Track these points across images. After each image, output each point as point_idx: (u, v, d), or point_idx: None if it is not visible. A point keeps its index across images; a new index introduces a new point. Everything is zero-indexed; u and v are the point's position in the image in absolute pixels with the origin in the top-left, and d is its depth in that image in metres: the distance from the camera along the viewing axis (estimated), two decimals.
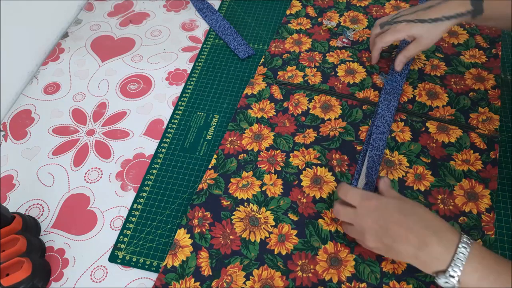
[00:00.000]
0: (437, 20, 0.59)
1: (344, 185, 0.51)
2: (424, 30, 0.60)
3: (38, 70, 0.78)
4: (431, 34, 0.60)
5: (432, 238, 0.43)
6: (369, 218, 0.47)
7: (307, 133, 0.65)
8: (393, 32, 0.63)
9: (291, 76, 0.73)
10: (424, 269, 0.45)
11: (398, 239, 0.45)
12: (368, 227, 0.47)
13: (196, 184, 0.62)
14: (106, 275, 0.55)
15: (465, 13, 0.56)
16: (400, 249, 0.45)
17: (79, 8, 0.88)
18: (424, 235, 0.43)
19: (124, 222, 0.59)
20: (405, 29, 0.61)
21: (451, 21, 0.58)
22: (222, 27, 0.82)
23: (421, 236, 0.43)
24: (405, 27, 0.61)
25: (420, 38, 0.61)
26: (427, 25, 0.59)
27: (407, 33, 0.61)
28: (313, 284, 0.52)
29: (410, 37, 0.62)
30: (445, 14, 0.57)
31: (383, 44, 0.65)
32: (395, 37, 0.63)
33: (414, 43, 0.62)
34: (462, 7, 0.56)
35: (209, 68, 0.76)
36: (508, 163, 0.61)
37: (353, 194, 0.50)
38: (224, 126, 0.68)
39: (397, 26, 0.62)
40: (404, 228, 0.44)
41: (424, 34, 0.60)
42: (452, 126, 0.64)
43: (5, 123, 0.70)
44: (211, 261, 0.54)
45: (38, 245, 0.55)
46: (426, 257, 0.43)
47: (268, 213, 0.58)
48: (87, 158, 0.66)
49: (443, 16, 0.58)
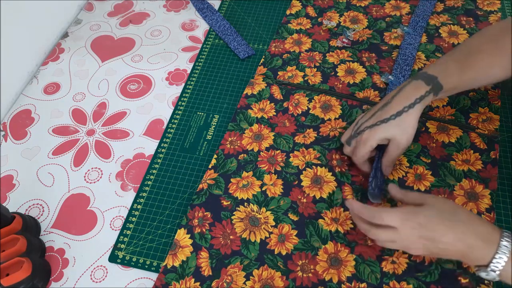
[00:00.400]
0: (400, 113, 0.53)
1: (375, 211, 0.48)
2: (393, 128, 0.53)
3: (38, 70, 0.78)
4: (403, 129, 0.53)
5: (478, 243, 0.44)
6: (414, 236, 0.46)
7: (307, 133, 0.65)
8: (362, 145, 0.55)
9: (291, 76, 0.73)
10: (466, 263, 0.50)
11: (446, 249, 0.46)
12: (414, 242, 0.47)
13: (196, 184, 0.62)
14: (106, 275, 0.55)
15: (425, 94, 0.53)
16: (448, 254, 0.46)
17: (79, 8, 0.88)
18: (471, 242, 0.44)
19: (124, 222, 0.59)
20: (372, 136, 0.54)
21: (416, 108, 0.53)
22: (222, 27, 0.82)
23: (468, 242, 0.45)
24: (370, 134, 0.54)
25: (394, 138, 0.54)
26: (392, 123, 0.53)
27: (376, 139, 0.54)
28: (313, 284, 0.52)
29: (383, 141, 0.55)
30: (406, 104, 0.53)
31: (361, 158, 0.56)
32: (367, 148, 0.55)
33: (392, 145, 0.55)
34: (418, 91, 0.53)
35: (209, 68, 0.76)
36: (508, 163, 0.61)
37: (391, 217, 0.47)
38: (224, 126, 0.68)
39: (362, 135, 0.55)
40: (451, 238, 0.45)
41: (395, 132, 0.53)
42: (452, 126, 0.64)
43: (5, 123, 0.70)
44: (211, 261, 0.54)
45: (38, 245, 0.55)
46: (472, 258, 0.45)
47: (268, 213, 0.58)
48: (87, 158, 0.66)
49: (405, 107, 0.53)
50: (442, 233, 0.45)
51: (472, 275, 0.51)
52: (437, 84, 0.54)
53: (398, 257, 0.53)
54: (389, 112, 0.54)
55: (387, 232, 0.47)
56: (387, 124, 0.53)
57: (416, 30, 0.77)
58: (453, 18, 0.79)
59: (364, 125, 0.56)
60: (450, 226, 0.45)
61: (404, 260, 0.53)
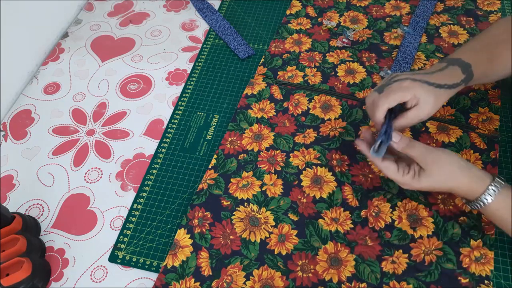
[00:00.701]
0: (441, 87, 0.53)
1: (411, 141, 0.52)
2: (431, 93, 0.52)
3: (38, 70, 0.78)
4: (435, 100, 0.52)
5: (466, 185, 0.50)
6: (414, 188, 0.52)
7: (307, 133, 0.65)
8: (399, 89, 0.51)
9: (291, 76, 0.73)
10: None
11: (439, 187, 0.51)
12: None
13: (196, 184, 0.62)
14: (106, 275, 0.55)
15: (460, 82, 0.54)
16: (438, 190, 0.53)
17: (79, 8, 0.88)
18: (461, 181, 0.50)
19: (124, 222, 0.59)
20: (414, 86, 0.51)
21: (450, 91, 0.54)
22: (222, 27, 0.82)
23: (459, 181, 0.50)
24: (413, 84, 0.51)
25: (423, 104, 0.52)
26: (432, 89, 0.52)
27: (413, 93, 0.51)
28: (313, 284, 0.52)
29: (413, 101, 0.52)
30: (448, 83, 0.53)
31: (389, 104, 0.52)
32: (402, 95, 0.51)
33: (414, 111, 0.52)
34: (456, 77, 0.54)
35: (209, 68, 0.76)
36: (508, 163, 0.61)
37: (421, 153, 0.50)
38: (224, 126, 0.68)
39: (403, 83, 0.52)
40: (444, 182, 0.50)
41: (429, 98, 0.52)
42: (452, 126, 0.64)
43: (5, 123, 0.70)
44: (211, 261, 0.54)
45: (38, 245, 0.55)
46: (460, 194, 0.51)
47: (268, 213, 0.58)
48: (87, 158, 0.66)
49: (446, 84, 0.53)
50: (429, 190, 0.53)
51: (472, 275, 0.51)
52: (470, 73, 0.55)
53: (398, 257, 0.53)
54: (431, 79, 0.53)
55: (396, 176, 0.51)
56: (429, 88, 0.52)
57: (416, 30, 0.77)
58: (453, 18, 0.79)
59: (406, 76, 0.53)
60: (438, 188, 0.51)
61: (404, 260, 0.53)
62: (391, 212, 0.57)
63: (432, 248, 0.53)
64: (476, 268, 0.52)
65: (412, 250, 0.54)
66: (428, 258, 0.53)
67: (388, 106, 0.52)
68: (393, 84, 0.52)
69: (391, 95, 0.51)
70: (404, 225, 0.56)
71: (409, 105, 0.52)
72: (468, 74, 0.54)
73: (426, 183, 0.50)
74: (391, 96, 0.51)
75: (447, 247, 0.53)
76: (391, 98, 0.51)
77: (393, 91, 0.51)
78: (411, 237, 0.54)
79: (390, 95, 0.51)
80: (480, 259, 0.52)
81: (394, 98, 0.51)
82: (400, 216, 0.56)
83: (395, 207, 0.57)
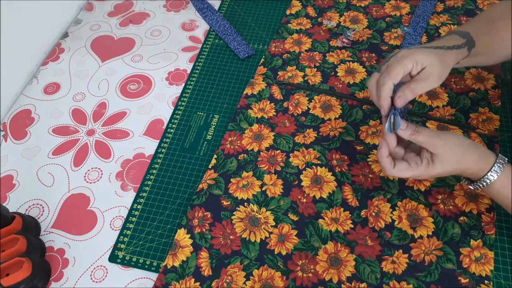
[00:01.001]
0: (440, 48, 0.52)
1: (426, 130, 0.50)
2: (433, 55, 0.50)
3: (38, 70, 0.78)
4: (441, 62, 0.50)
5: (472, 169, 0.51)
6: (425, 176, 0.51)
7: (307, 133, 0.65)
8: (398, 62, 0.49)
9: (291, 76, 0.73)
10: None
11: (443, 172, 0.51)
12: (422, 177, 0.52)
13: (196, 184, 0.62)
14: (106, 275, 0.55)
15: (461, 45, 0.53)
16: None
17: (79, 8, 0.88)
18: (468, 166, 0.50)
19: (124, 222, 0.59)
20: (410, 53, 0.49)
21: (453, 52, 0.52)
22: (222, 27, 0.82)
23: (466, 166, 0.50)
24: (408, 52, 0.50)
25: (430, 67, 0.49)
26: (433, 51, 0.50)
27: (413, 59, 0.49)
28: (313, 284, 0.52)
29: (417, 67, 0.50)
30: (446, 45, 0.53)
31: (393, 79, 0.49)
32: (404, 65, 0.49)
33: (422, 75, 0.50)
34: (457, 41, 0.54)
35: (209, 68, 0.76)
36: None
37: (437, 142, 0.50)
38: (224, 126, 0.68)
39: (399, 54, 0.50)
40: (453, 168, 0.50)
41: (433, 60, 0.49)
42: (452, 126, 0.64)
43: (5, 123, 0.70)
44: (211, 261, 0.54)
45: (38, 245, 0.55)
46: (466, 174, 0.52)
47: (268, 213, 0.58)
48: (87, 158, 0.66)
49: (445, 46, 0.53)
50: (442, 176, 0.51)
51: (472, 275, 0.51)
52: (470, 39, 0.54)
53: (398, 257, 0.53)
54: (428, 44, 0.52)
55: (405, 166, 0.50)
56: (427, 50, 0.50)
57: (416, 30, 0.77)
58: (453, 18, 0.79)
59: (403, 48, 0.53)
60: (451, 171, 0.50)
61: (404, 260, 0.53)
62: (391, 212, 0.57)
63: (432, 248, 0.53)
64: (476, 268, 0.52)
65: (412, 250, 0.54)
66: (428, 258, 0.53)
67: (394, 81, 0.49)
68: (391, 60, 0.51)
69: (392, 69, 0.49)
70: (404, 225, 0.56)
71: (415, 72, 0.50)
72: (468, 39, 0.54)
73: (440, 168, 0.50)
74: (392, 70, 0.49)
75: (447, 247, 0.53)
76: (393, 73, 0.49)
77: (393, 65, 0.50)
78: (411, 237, 0.55)
79: (392, 70, 0.49)
80: (480, 259, 0.52)
81: (397, 71, 0.49)
82: (400, 216, 0.56)
83: (395, 207, 0.57)
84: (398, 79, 0.49)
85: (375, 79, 0.52)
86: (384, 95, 0.50)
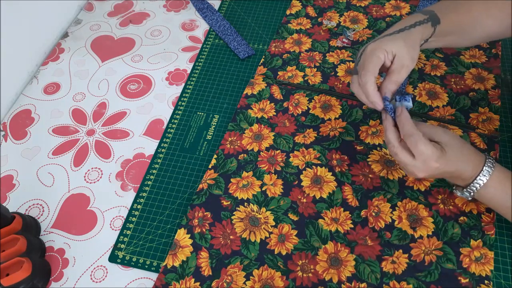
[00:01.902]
0: (403, 29, 0.52)
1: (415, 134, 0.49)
2: (398, 41, 0.51)
3: (38, 70, 0.78)
4: (408, 45, 0.51)
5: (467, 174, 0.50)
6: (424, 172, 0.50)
7: (307, 133, 0.65)
8: (368, 57, 0.51)
9: (291, 76, 0.73)
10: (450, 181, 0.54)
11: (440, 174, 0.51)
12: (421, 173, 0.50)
13: (196, 184, 0.62)
14: (106, 275, 0.55)
15: (423, 21, 0.53)
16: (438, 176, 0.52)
17: (79, 8, 0.88)
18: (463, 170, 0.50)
19: (124, 222, 0.59)
20: (378, 45, 0.51)
21: (417, 29, 0.52)
22: (222, 27, 0.82)
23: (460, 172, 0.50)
24: (375, 44, 0.51)
25: (399, 52, 0.51)
26: (397, 36, 0.51)
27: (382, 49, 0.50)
28: (313, 284, 0.52)
29: (389, 56, 0.51)
30: (407, 24, 0.53)
31: (372, 73, 0.50)
32: (376, 58, 0.50)
33: (396, 63, 0.51)
34: (418, 17, 0.53)
35: (209, 68, 0.76)
36: (508, 163, 0.61)
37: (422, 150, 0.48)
38: (224, 126, 0.68)
39: (367, 50, 0.52)
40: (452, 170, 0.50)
41: (400, 45, 0.51)
42: (452, 126, 0.64)
43: (5, 123, 0.70)
44: (211, 261, 0.54)
45: (38, 245, 0.55)
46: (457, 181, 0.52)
47: (268, 213, 0.58)
48: (87, 158, 0.66)
49: (406, 26, 0.53)
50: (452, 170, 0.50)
51: (472, 275, 0.51)
52: (434, 16, 0.54)
53: (398, 257, 0.53)
54: (389, 31, 0.53)
55: (407, 157, 0.49)
56: (391, 37, 0.51)
57: None
58: None
59: (368, 43, 0.53)
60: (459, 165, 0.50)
61: (404, 260, 0.53)
62: (391, 212, 0.57)
63: (432, 248, 0.53)
64: (476, 268, 0.52)
65: (412, 250, 0.54)
66: (428, 258, 0.53)
67: (374, 75, 0.51)
68: (361, 58, 0.52)
69: (367, 66, 0.50)
70: (404, 225, 0.56)
71: (389, 62, 0.51)
72: (431, 15, 0.54)
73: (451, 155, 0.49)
74: (367, 67, 0.50)
75: (447, 247, 0.53)
76: (369, 68, 0.50)
77: (366, 62, 0.51)
78: (411, 237, 0.55)
79: (367, 67, 0.50)
80: (480, 259, 0.52)
81: (372, 65, 0.50)
82: (400, 216, 0.56)
83: (395, 207, 0.57)
84: (376, 72, 0.50)
85: (356, 82, 0.52)
86: (371, 92, 0.51)
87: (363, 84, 0.51)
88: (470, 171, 0.50)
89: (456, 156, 0.49)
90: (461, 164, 0.50)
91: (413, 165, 0.49)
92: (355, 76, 0.53)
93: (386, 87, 0.51)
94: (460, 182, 0.52)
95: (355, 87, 0.53)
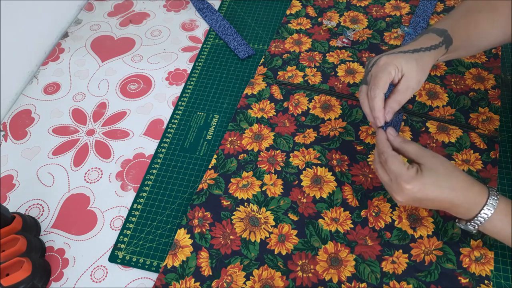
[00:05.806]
0: (417, 51, 0.52)
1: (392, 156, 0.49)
2: (411, 61, 0.51)
3: (38, 70, 0.78)
4: (419, 66, 0.51)
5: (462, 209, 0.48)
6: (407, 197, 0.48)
7: (307, 133, 0.65)
8: (380, 71, 0.50)
9: (291, 76, 0.73)
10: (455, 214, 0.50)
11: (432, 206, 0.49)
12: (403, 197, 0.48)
13: (196, 184, 0.62)
14: (106, 275, 0.55)
15: (438, 44, 0.53)
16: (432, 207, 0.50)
17: (79, 8, 0.88)
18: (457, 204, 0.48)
19: (124, 222, 0.59)
20: (391, 60, 0.50)
21: (431, 53, 0.53)
22: (222, 27, 0.82)
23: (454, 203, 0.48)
24: (389, 59, 0.51)
25: (408, 73, 0.51)
26: (411, 56, 0.51)
27: (394, 65, 0.50)
28: (313, 284, 0.52)
29: (398, 74, 0.51)
30: (423, 46, 0.53)
31: (382, 89, 0.50)
32: (388, 73, 0.50)
33: (402, 83, 0.51)
34: (432, 41, 0.54)
35: (209, 68, 0.76)
36: (508, 163, 0.61)
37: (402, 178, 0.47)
38: (224, 126, 0.68)
39: (379, 62, 0.51)
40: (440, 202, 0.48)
41: (412, 66, 0.51)
42: (452, 126, 0.64)
43: (5, 123, 0.70)
44: (211, 261, 0.54)
45: (38, 245, 0.55)
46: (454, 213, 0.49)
47: (268, 213, 0.58)
48: (87, 158, 0.66)
49: (422, 48, 0.53)
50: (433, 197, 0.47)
51: (472, 275, 0.51)
52: (448, 37, 0.54)
53: (398, 257, 0.53)
54: (405, 48, 0.53)
55: (385, 175, 0.49)
56: (406, 55, 0.51)
57: (416, 30, 0.77)
58: None
59: (380, 55, 0.53)
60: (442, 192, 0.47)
61: (404, 260, 0.53)
62: (391, 212, 0.57)
63: (432, 248, 0.53)
64: (476, 268, 0.52)
65: (412, 250, 0.54)
66: (428, 258, 0.53)
67: (383, 91, 0.51)
68: (373, 69, 0.52)
69: (379, 80, 0.50)
70: (404, 225, 0.56)
71: (397, 80, 0.51)
72: (445, 37, 0.54)
73: (429, 178, 0.46)
74: (378, 83, 0.50)
75: (447, 247, 0.53)
76: (381, 83, 0.50)
77: (377, 76, 0.50)
78: (411, 237, 0.55)
79: (378, 83, 0.50)
80: (480, 259, 0.52)
81: (384, 80, 0.50)
82: (400, 216, 0.56)
83: (395, 207, 0.57)
84: (386, 88, 0.51)
85: (365, 91, 0.53)
86: (378, 107, 0.51)
87: (372, 98, 0.51)
88: (463, 201, 0.47)
89: (438, 182, 0.46)
90: (446, 191, 0.46)
91: (389, 185, 0.49)
92: (364, 86, 0.53)
93: (389, 106, 0.52)
94: (460, 214, 0.49)
95: (363, 97, 0.53)
